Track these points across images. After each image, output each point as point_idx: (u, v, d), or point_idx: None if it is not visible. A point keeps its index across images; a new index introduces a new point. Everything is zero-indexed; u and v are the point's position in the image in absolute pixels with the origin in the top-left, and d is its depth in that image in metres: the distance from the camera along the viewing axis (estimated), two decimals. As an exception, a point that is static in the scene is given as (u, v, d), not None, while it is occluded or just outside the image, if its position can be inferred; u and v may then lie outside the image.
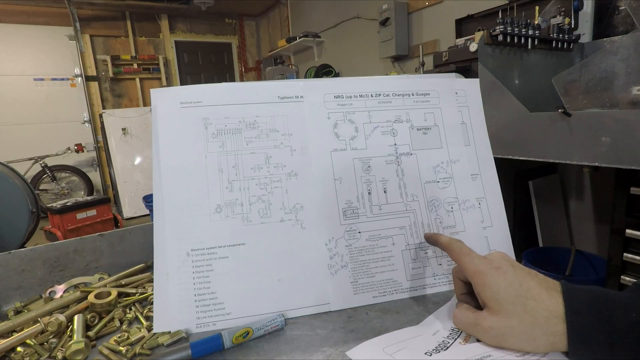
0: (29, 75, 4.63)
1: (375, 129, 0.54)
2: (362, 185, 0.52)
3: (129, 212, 4.37)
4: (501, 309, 0.34)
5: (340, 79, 0.56)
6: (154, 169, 0.49)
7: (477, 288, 0.37)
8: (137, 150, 4.52)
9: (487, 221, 0.54)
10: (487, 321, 0.35)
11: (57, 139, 4.68)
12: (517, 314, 0.33)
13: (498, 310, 0.34)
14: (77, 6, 4.53)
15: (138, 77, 5.20)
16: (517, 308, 0.34)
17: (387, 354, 0.38)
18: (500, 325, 0.34)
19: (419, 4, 3.12)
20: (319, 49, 4.51)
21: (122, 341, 0.43)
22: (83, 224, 3.04)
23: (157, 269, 0.46)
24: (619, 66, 1.53)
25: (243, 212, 0.49)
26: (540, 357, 0.34)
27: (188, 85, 0.51)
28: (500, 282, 0.35)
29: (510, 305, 0.34)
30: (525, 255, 1.61)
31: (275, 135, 0.52)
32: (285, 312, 0.46)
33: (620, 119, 1.15)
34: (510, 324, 0.33)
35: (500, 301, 0.34)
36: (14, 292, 0.56)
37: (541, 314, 0.33)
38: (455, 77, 0.58)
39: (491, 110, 1.48)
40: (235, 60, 5.96)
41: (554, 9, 1.79)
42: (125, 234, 0.64)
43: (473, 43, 1.64)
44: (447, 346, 0.39)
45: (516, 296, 0.34)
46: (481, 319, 0.36)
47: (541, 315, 0.33)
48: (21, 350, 0.42)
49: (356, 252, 0.50)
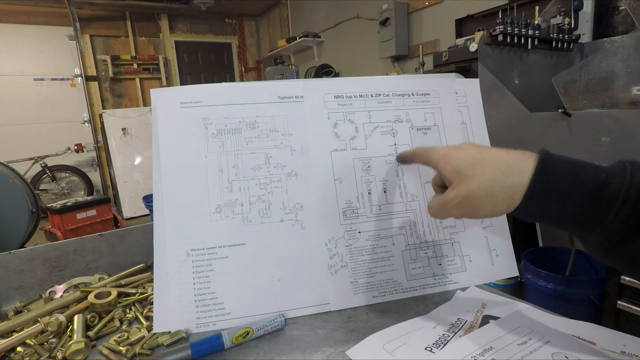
0: (29, 75, 4.63)
1: (375, 129, 0.54)
2: (362, 185, 0.52)
3: (129, 212, 4.36)
4: (462, 178, 0.36)
5: (340, 79, 0.56)
6: (154, 169, 0.49)
7: (442, 172, 0.38)
8: (137, 150, 4.51)
9: (487, 221, 0.54)
10: (451, 194, 0.36)
11: (57, 139, 4.67)
12: (476, 177, 0.35)
13: (459, 180, 0.36)
14: (77, 6, 4.52)
15: (138, 77, 5.20)
16: (476, 172, 0.35)
17: (387, 351, 0.38)
18: (462, 191, 0.35)
19: (419, 4, 3.12)
20: (319, 49, 4.51)
21: (122, 341, 0.43)
22: (83, 224, 3.04)
23: (157, 269, 0.46)
24: (619, 66, 1.53)
25: (243, 212, 0.49)
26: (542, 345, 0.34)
27: (188, 85, 0.51)
28: (460, 156, 0.37)
29: (469, 171, 0.35)
30: (525, 255, 1.60)
31: (275, 135, 0.52)
32: (285, 312, 0.46)
33: (620, 119, 1.15)
34: (471, 187, 0.35)
35: (460, 171, 0.36)
36: (14, 292, 0.56)
37: (499, 168, 0.34)
38: (455, 77, 0.58)
39: (491, 110, 1.48)
40: (235, 60, 5.96)
41: (554, 9, 1.79)
42: (125, 234, 0.64)
43: (473, 43, 1.64)
44: (447, 340, 0.39)
45: (474, 162, 0.36)
46: (446, 195, 0.37)
47: (499, 169, 0.34)
48: (21, 350, 0.42)
49: (356, 252, 0.50)
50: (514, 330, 0.39)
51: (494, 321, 0.42)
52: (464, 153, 0.37)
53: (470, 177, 0.35)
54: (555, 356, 0.35)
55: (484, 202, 0.34)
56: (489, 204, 0.34)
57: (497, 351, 0.35)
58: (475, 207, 0.35)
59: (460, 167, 0.36)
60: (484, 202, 0.34)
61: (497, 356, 0.35)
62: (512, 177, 0.33)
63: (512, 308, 0.45)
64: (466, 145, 0.38)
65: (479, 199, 0.34)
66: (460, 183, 0.36)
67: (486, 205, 0.34)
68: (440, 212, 0.38)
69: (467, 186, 0.35)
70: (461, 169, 0.36)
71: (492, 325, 0.41)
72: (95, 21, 4.88)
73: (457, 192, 0.35)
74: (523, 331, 0.39)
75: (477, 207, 0.35)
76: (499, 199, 0.33)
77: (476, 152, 0.36)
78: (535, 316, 0.43)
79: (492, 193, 0.33)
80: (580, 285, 1.30)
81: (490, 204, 0.34)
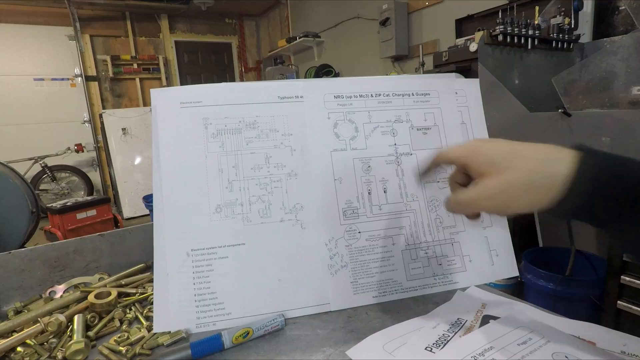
0: (29, 75, 4.62)
1: (375, 129, 0.54)
2: (362, 185, 0.52)
3: (129, 212, 4.36)
4: (498, 169, 0.34)
5: (340, 79, 0.56)
6: (154, 169, 0.49)
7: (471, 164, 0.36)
8: (137, 150, 4.51)
9: (487, 221, 0.54)
10: (484, 185, 0.34)
11: (57, 139, 4.67)
12: (515, 167, 0.33)
13: (495, 171, 0.34)
14: (77, 6, 4.52)
15: (138, 77, 5.20)
16: (513, 162, 0.33)
17: (387, 351, 0.38)
18: (499, 182, 0.33)
19: (419, 4, 3.12)
20: (319, 49, 4.51)
21: (122, 341, 0.43)
22: (83, 224, 3.04)
23: (157, 269, 0.46)
24: (619, 66, 1.53)
25: (243, 212, 0.49)
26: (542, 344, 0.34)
27: (188, 85, 0.52)
28: (493, 147, 0.35)
29: (506, 162, 0.34)
30: (525, 255, 1.60)
31: (275, 135, 0.52)
32: (285, 312, 0.46)
33: (620, 119, 1.15)
34: (509, 177, 0.33)
35: (495, 161, 0.34)
36: (14, 292, 0.56)
37: (537, 158, 0.33)
38: (455, 77, 0.58)
39: (491, 110, 1.48)
40: (235, 60, 5.96)
41: (554, 9, 1.79)
42: (125, 234, 0.64)
43: (473, 43, 1.64)
44: (447, 340, 0.39)
45: (510, 153, 0.34)
46: (480, 186, 0.35)
47: (537, 159, 0.33)
48: (21, 350, 0.42)
49: (356, 252, 0.50)
50: (514, 330, 0.39)
51: (494, 321, 0.42)
52: (496, 145, 0.35)
53: (508, 168, 0.33)
54: (555, 356, 0.35)
55: (522, 194, 0.32)
56: (527, 197, 0.32)
57: (497, 351, 0.35)
58: (512, 199, 0.33)
59: (495, 157, 0.34)
60: (522, 194, 0.32)
61: (497, 356, 0.35)
62: (552, 167, 0.31)
63: (512, 308, 0.45)
64: (496, 139, 0.36)
65: (518, 190, 0.32)
66: (497, 174, 0.34)
67: (523, 197, 0.32)
68: (470, 205, 0.36)
69: (505, 177, 0.33)
70: (497, 160, 0.34)
71: (492, 325, 0.41)
72: (95, 21, 4.88)
73: (493, 183, 0.33)
74: (523, 331, 0.39)
75: (513, 199, 0.33)
76: (539, 190, 0.32)
77: (509, 144, 0.35)
78: (535, 316, 0.43)
79: (532, 184, 0.32)
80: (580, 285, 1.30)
81: (529, 197, 0.32)
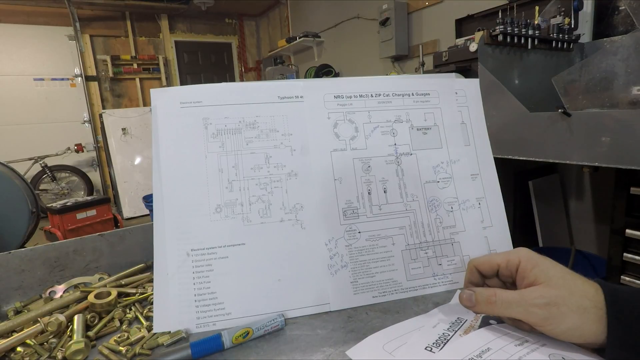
0: (29, 75, 4.63)
1: (375, 129, 0.54)
2: (362, 185, 0.52)
3: (129, 212, 4.36)
4: (551, 283, 0.35)
5: (340, 79, 0.56)
6: (154, 169, 0.49)
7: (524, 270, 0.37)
8: (137, 150, 4.52)
9: (487, 221, 0.54)
10: (536, 292, 0.35)
11: (57, 139, 4.67)
12: (567, 287, 0.34)
13: (548, 284, 0.35)
14: (77, 6, 4.52)
15: (138, 77, 5.20)
16: (567, 282, 0.35)
17: (387, 351, 0.38)
18: (552, 294, 0.34)
19: (419, 4, 3.12)
20: (319, 49, 4.51)
21: (122, 341, 0.43)
22: (83, 224, 3.04)
23: (157, 269, 0.46)
24: (619, 66, 1.53)
25: (243, 212, 0.49)
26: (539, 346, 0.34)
27: (188, 85, 0.51)
28: (548, 263, 0.37)
29: (560, 280, 0.35)
30: (525, 255, 1.61)
31: (275, 135, 0.52)
32: (285, 312, 0.46)
33: (620, 119, 1.15)
34: (562, 293, 0.34)
35: (550, 276, 0.35)
36: (14, 292, 0.56)
37: (587, 290, 0.34)
38: (455, 77, 0.58)
39: (491, 110, 1.48)
40: (235, 60, 5.96)
41: (554, 9, 1.79)
42: (125, 234, 0.64)
43: (473, 43, 1.64)
44: (448, 339, 0.39)
45: (565, 272, 0.36)
46: (528, 292, 0.35)
47: (587, 291, 0.34)
48: (21, 350, 0.42)
49: (356, 252, 0.50)
50: (513, 331, 0.39)
51: (494, 321, 0.42)
52: (551, 263, 0.37)
53: (561, 286, 0.34)
54: (552, 357, 0.35)
55: (571, 314, 0.33)
56: (576, 318, 0.33)
57: (496, 352, 0.35)
58: (562, 314, 0.33)
59: (550, 272, 0.35)
60: (572, 314, 0.33)
61: (495, 356, 0.35)
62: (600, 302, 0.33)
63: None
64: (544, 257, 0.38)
65: (568, 308, 0.33)
66: (548, 286, 0.35)
67: (573, 318, 0.33)
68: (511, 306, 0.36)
69: (558, 292, 0.34)
70: (551, 275, 0.35)
71: (492, 326, 0.41)
72: (95, 21, 4.89)
73: (545, 293, 0.34)
74: (521, 332, 0.39)
75: (564, 315, 0.33)
76: (589, 316, 0.33)
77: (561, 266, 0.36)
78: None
79: (584, 307, 0.33)
80: (580, 285, 1.30)
81: (579, 319, 0.33)
